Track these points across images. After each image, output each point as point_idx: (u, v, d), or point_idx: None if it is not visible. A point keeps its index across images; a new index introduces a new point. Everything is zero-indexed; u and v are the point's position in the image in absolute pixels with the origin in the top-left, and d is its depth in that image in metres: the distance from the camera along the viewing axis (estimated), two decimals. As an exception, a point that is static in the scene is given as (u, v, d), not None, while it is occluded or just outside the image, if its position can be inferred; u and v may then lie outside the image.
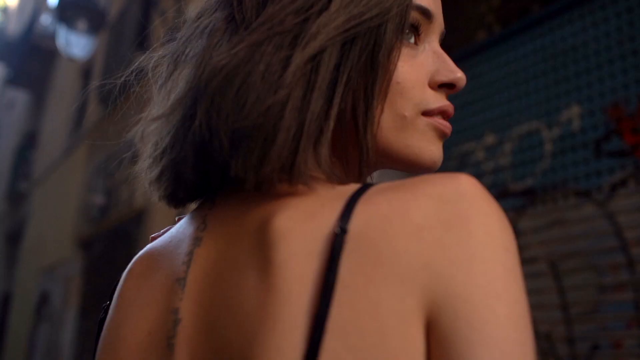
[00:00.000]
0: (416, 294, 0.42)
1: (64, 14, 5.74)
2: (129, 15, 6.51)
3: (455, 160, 2.85)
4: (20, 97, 13.69)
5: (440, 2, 0.62)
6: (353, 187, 0.50)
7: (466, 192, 0.45)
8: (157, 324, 0.54)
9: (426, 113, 0.58)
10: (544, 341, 2.27)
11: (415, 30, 0.59)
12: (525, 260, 2.41)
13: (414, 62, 0.58)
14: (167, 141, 0.58)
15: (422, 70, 0.59)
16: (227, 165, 0.52)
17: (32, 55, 10.86)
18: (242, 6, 0.57)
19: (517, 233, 2.47)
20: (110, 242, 6.27)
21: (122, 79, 0.65)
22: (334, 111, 0.52)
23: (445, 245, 0.43)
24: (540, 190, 2.44)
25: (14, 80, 11.87)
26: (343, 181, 0.53)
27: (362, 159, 0.55)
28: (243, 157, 0.50)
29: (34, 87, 11.80)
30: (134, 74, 0.65)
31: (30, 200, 10.85)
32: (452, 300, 0.42)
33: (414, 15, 0.58)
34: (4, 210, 13.05)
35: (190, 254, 0.56)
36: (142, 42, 0.64)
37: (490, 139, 2.71)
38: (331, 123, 0.52)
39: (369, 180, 0.65)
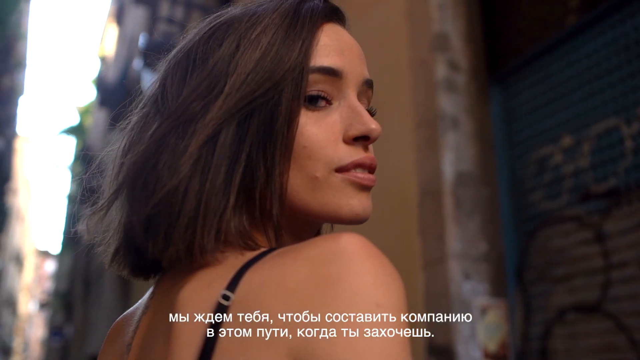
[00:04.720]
0: (282, 356, 0.44)
1: (147, 58, 6.06)
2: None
3: (533, 165, 2.75)
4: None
5: (356, 52, 0.62)
6: (254, 253, 0.53)
7: (342, 252, 0.46)
8: None
9: (340, 169, 0.59)
10: (642, 351, 2.12)
11: (323, 90, 0.59)
12: (615, 265, 2.27)
13: (323, 122, 0.59)
14: (114, 228, 0.64)
15: (333, 129, 0.59)
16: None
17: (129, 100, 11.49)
18: (164, 100, 0.61)
19: (603, 237, 2.34)
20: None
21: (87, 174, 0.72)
22: (234, 187, 0.55)
23: (312, 307, 0.44)
24: (624, 189, 2.30)
25: (115, 125, 12.60)
26: (255, 247, 0.56)
27: (273, 224, 0.57)
28: (152, 240, 0.55)
29: (133, 129, 12.43)
30: (98, 169, 0.71)
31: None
32: None
33: (317, 77, 0.58)
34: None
35: (139, 321, 0.61)
36: None
37: (567, 140, 2.59)
38: (232, 198, 0.55)
39: (327, 231, 0.69)
